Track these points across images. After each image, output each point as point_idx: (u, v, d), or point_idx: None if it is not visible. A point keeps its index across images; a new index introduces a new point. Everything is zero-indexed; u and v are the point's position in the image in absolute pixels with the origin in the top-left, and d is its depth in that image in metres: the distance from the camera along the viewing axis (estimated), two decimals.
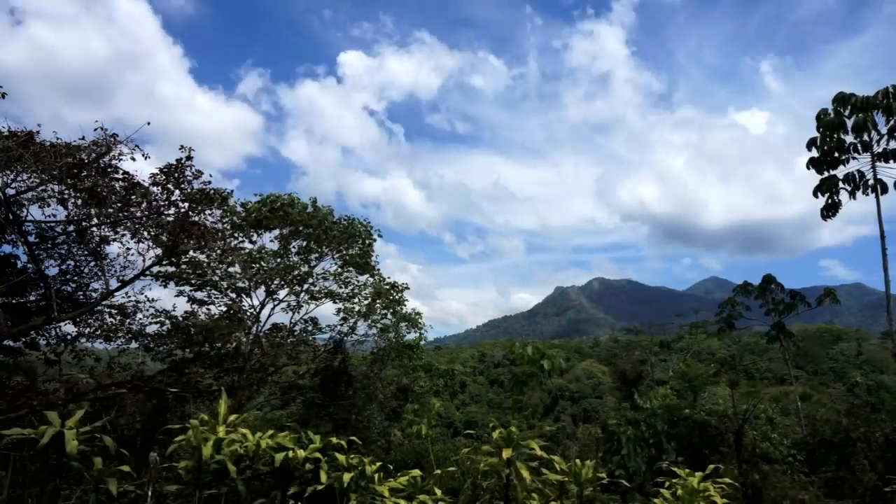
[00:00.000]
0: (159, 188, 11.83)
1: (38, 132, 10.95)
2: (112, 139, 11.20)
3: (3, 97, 10.96)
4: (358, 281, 20.36)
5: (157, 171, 11.67)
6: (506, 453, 8.21)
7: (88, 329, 13.86)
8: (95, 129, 11.14)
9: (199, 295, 17.56)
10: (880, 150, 21.25)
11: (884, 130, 21.02)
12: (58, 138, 11.11)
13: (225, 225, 16.44)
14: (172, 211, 12.06)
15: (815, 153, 22.41)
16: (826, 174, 22.40)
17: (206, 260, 15.60)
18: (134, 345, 15.44)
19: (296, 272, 18.75)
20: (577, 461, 9.78)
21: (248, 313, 17.70)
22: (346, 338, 20.91)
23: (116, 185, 11.56)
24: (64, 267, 13.29)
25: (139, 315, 14.46)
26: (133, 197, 11.69)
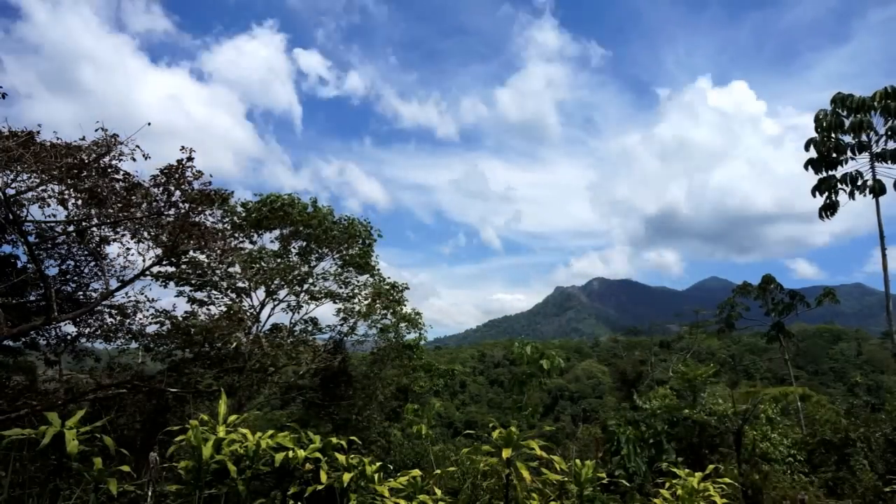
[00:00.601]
0: (160, 189, 11.83)
1: (38, 132, 10.97)
2: (112, 139, 11.20)
3: (4, 97, 10.98)
4: (358, 281, 20.39)
5: (157, 171, 11.69)
6: (506, 453, 8.21)
7: (88, 329, 13.86)
8: (96, 130, 11.16)
9: (199, 295, 17.58)
10: (879, 150, 21.30)
11: (882, 131, 21.07)
12: (58, 138, 11.12)
13: (225, 225, 16.46)
14: (173, 211, 12.05)
15: (813, 153, 22.47)
16: (824, 174, 22.46)
17: (206, 260, 15.61)
18: (134, 345, 15.45)
19: (296, 272, 18.76)
20: (577, 461, 9.79)
21: (248, 313, 17.71)
22: (346, 338, 20.93)
23: (117, 185, 11.56)
24: (64, 267, 13.30)
25: (139, 315, 14.46)
26: (133, 197, 11.69)
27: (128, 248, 12.72)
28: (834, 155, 22.11)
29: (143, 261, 12.46)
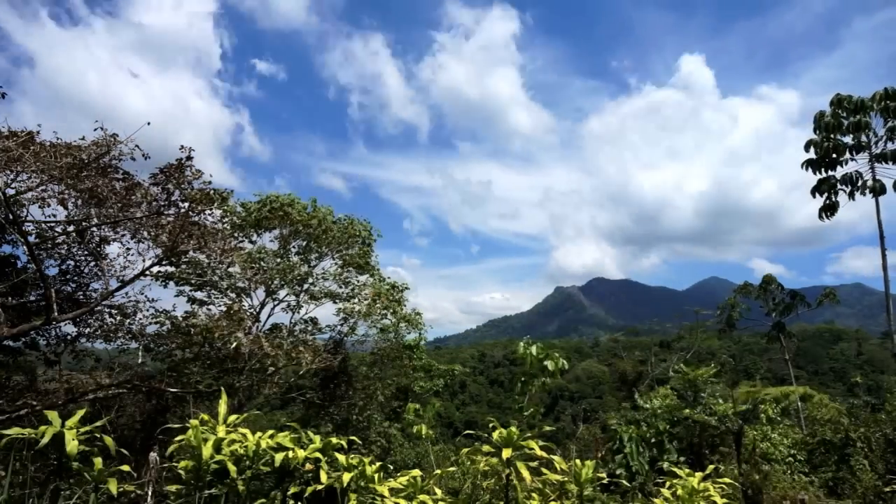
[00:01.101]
0: (159, 188, 11.84)
1: (38, 132, 10.98)
2: (112, 139, 11.21)
3: (3, 97, 10.98)
4: (358, 281, 20.38)
5: (157, 170, 11.70)
6: (506, 453, 8.20)
7: (88, 329, 13.84)
8: (95, 129, 11.17)
9: (198, 295, 17.58)
10: (878, 151, 21.31)
11: (881, 132, 21.09)
12: (58, 138, 11.14)
13: (225, 225, 16.46)
14: (172, 211, 12.06)
15: (812, 154, 22.47)
16: (823, 175, 22.48)
17: (206, 260, 15.60)
18: (134, 345, 15.43)
19: (296, 272, 18.76)
20: (577, 461, 9.77)
21: (248, 313, 17.71)
22: (346, 338, 20.92)
23: (116, 185, 11.56)
24: (64, 267, 13.29)
25: (139, 315, 14.45)
26: (133, 197, 11.69)
27: (128, 248, 12.73)
28: (833, 156, 22.12)
29: (143, 261, 12.47)
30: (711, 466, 10.38)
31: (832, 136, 21.76)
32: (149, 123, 11.20)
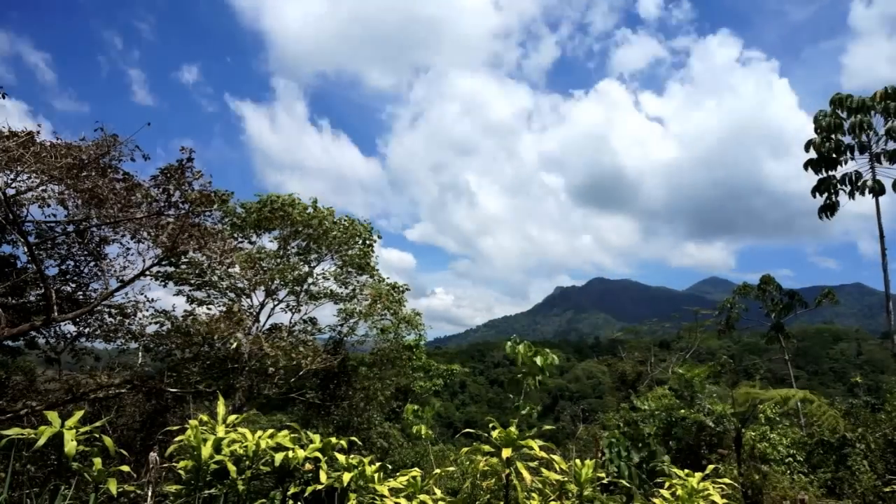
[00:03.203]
0: (160, 189, 11.85)
1: (38, 132, 10.99)
2: (112, 139, 11.23)
3: (4, 97, 11.00)
4: (357, 281, 20.38)
5: (157, 172, 11.72)
6: (506, 453, 8.20)
7: (88, 329, 13.85)
8: (95, 130, 11.19)
9: (198, 295, 17.59)
10: (878, 151, 21.34)
11: (882, 132, 21.10)
12: (58, 138, 11.16)
13: (225, 226, 16.48)
14: (173, 212, 12.07)
15: (812, 154, 22.49)
16: (824, 175, 22.50)
17: (205, 260, 15.62)
18: (134, 345, 15.45)
19: (296, 273, 18.77)
20: (577, 461, 9.77)
21: (248, 314, 17.72)
22: (345, 338, 20.93)
23: (117, 185, 11.57)
24: (64, 267, 13.30)
25: (139, 315, 14.46)
26: (133, 198, 11.70)
27: (128, 249, 12.75)
28: (833, 156, 22.15)
29: (143, 261, 12.49)
30: (711, 466, 10.38)
31: (832, 136, 21.78)
32: (149, 124, 11.23)
